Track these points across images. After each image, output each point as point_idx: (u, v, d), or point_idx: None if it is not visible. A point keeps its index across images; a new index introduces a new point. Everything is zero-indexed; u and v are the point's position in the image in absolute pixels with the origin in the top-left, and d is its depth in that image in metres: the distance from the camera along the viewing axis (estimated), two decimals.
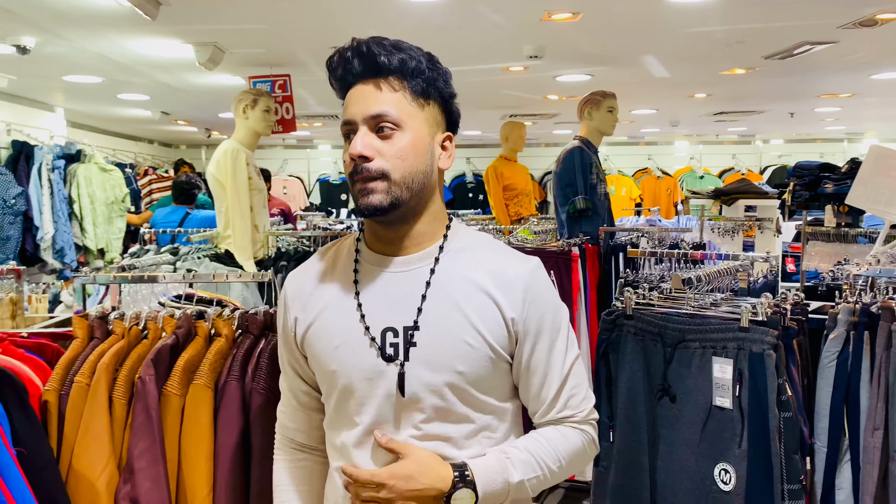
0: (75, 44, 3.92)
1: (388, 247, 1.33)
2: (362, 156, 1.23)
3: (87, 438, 1.70)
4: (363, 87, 1.26)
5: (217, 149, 3.99)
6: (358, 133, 1.24)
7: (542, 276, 1.32)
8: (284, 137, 9.92)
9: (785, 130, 9.79)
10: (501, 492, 1.24)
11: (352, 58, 1.25)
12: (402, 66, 1.26)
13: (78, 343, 1.85)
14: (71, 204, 5.68)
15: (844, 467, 1.89)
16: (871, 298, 1.93)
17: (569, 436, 1.32)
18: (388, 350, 1.27)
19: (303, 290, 1.38)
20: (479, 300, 1.27)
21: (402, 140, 1.25)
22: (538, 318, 1.28)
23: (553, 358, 1.30)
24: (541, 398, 1.32)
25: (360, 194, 1.25)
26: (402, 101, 1.26)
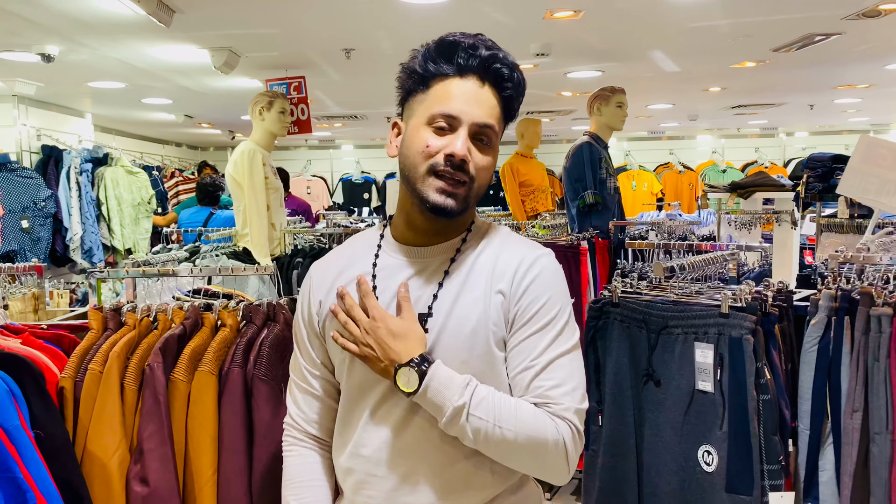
0: (97, 51, 4.07)
1: (417, 236, 1.35)
2: (466, 159, 1.24)
3: (101, 422, 1.81)
4: (474, 86, 1.27)
5: (234, 150, 4.12)
6: (461, 134, 1.24)
7: (547, 264, 1.31)
8: (307, 138, 10.10)
9: (808, 123, 9.70)
10: (441, 404, 1.21)
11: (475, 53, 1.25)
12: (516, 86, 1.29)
13: (93, 334, 1.96)
14: (99, 206, 5.87)
15: (827, 449, 1.94)
16: (850, 285, 1.97)
17: (540, 417, 1.23)
18: None
19: (327, 275, 1.40)
20: (487, 291, 1.28)
21: (491, 157, 1.29)
22: (530, 304, 1.27)
23: (536, 346, 1.26)
24: (516, 381, 1.28)
25: (439, 191, 1.25)
26: (500, 118, 1.29)
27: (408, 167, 1.29)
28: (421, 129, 1.27)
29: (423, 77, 1.29)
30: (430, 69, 1.28)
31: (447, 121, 1.25)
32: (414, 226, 1.34)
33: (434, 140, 1.25)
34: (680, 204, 8.52)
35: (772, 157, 10.64)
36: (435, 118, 1.25)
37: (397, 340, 1.25)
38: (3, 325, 1.99)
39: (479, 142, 1.26)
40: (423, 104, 1.28)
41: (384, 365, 1.25)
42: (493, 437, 1.21)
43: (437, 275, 1.31)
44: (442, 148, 1.24)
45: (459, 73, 1.26)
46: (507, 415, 1.22)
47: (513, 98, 1.29)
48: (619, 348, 2.01)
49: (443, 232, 1.34)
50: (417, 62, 1.29)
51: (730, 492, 1.83)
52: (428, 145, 1.25)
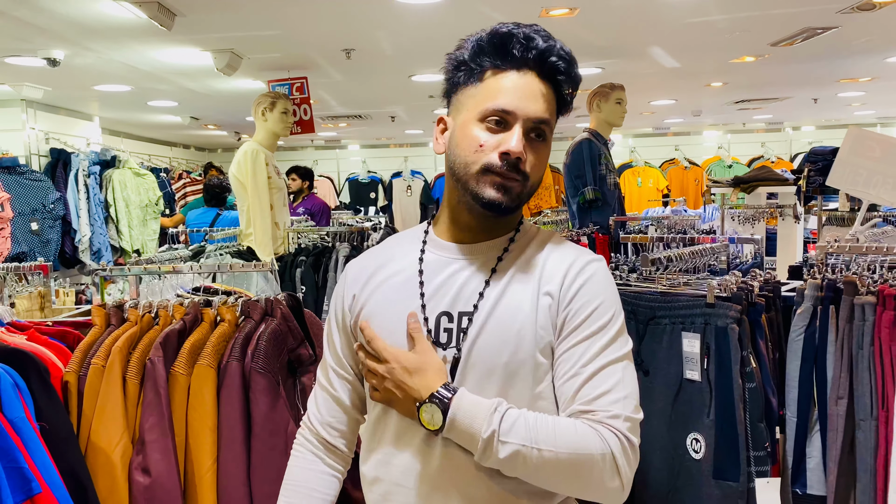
0: (102, 55, 4.14)
1: (464, 234, 1.29)
2: (522, 156, 1.18)
3: (104, 414, 1.87)
4: (531, 80, 1.20)
5: (238, 150, 4.18)
6: (516, 130, 1.18)
7: (599, 269, 1.25)
8: (313, 139, 10.17)
9: (813, 117, 9.68)
10: (470, 437, 1.12)
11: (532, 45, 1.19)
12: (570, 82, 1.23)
13: (96, 330, 2.02)
14: (107, 207, 5.95)
15: (815, 437, 1.98)
16: (836, 276, 2.00)
17: (581, 429, 1.12)
18: (442, 335, 1.23)
19: (365, 269, 1.34)
20: (535, 293, 1.22)
21: (546, 152, 1.24)
22: (580, 308, 1.20)
23: (586, 352, 1.17)
24: (563, 390, 1.18)
25: (493, 186, 1.19)
26: (554, 112, 1.24)
27: (458, 165, 1.23)
28: (473, 125, 1.21)
29: (473, 70, 1.23)
30: (482, 62, 1.22)
31: (502, 116, 1.19)
32: (460, 223, 1.29)
33: (488, 137, 1.19)
34: (686, 200, 8.53)
35: (778, 151, 10.63)
36: (488, 113, 1.19)
37: (414, 377, 1.18)
38: (10, 322, 2.05)
39: (534, 138, 1.20)
40: (475, 98, 1.22)
41: (408, 405, 1.19)
42: (531, 460, 1.10)
43: (483, 272, 1.25)
44: (497, 145, 1.18)
45: (515, 65, 1.20)
46: (544, 434, 1.11)
47: (568, 91, 1.24)
48: None
49: (490, 230, 1.28)
50: (467, 53, 1.23)
51: (717, 478, 1.87)
52: (482, 143, 1.19)
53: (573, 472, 1.11)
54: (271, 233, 4.21)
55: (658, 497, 1.97)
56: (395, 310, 1.26)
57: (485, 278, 1.24)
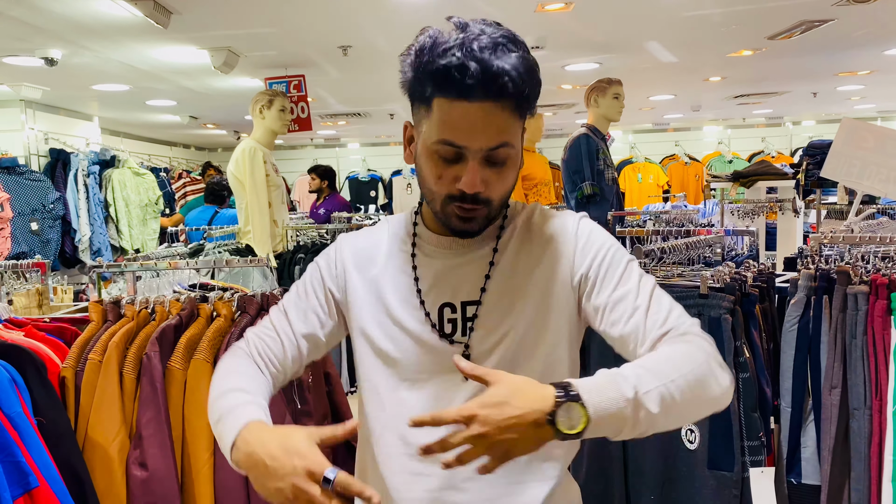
0: (99, 54, 4.15)
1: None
2: (478, 193, 1.14)
3: (101, 409, 1.88)
4: (479, 107, 1.10)
5: (236, 148, 4.19)
6: (471, 165, 1.12)
7: (588, 223, 1.26)
8: (312, 137, 10.17)
9: (813, 111, 9.66)
10: (618, 409, 0.99)
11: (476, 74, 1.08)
12: (524, 92, 1.12)
13: (93, 325, 2.03)
14: (107, 207, 5.96)
15: (809, 426, 1.98)
16: (829, 266, 2.01)
17: (680, 348, 1.09)
18: (447, 325, 1.22)
19: (359, 251, 1.32)
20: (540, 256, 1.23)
21: (510, 171, 1.17)
22: (597, 261, 1.20)
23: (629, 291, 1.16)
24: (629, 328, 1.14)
25: (458, 220, 1.18)
26: (516, 125, 1.15)
27: (424, 189, 1.21)
28: (429, 153, 1.16)
29: (420, 92, 1.15)
30: (427, 85, 1.13)
31: (454, 150, 1.13)
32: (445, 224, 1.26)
33: (444, 169, 1.15)
34: (686, 195, 8.52)
35: (779, 146, 10.61)
36: (440, 147, 1.14)
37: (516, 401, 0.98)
38: (7, 318, 2.06)
39: (492, 164, 1.14)
40: (427, 124, 1.15)
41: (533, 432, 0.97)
42: (676, 396, 1.02)
43: (482, 260, 1.24)
44: (454, 178, 1.14)
45: (460, 94, 1.10)
46: (663, 368, 1.05)
47: (526, 97, 1.14)
48: None
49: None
50: (412, 75, 1.15)
51: (712, 468, 1.88)
52: (440, 176, 1.16)
53: (704, 387, 1.07)
54: (270, 230, 4.22)
55: (653, 487, 1.98)
56: (389, 302, 1.24)
57: (485, 268, 1.22)
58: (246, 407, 1.13)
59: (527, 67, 1.12)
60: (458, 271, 1.24)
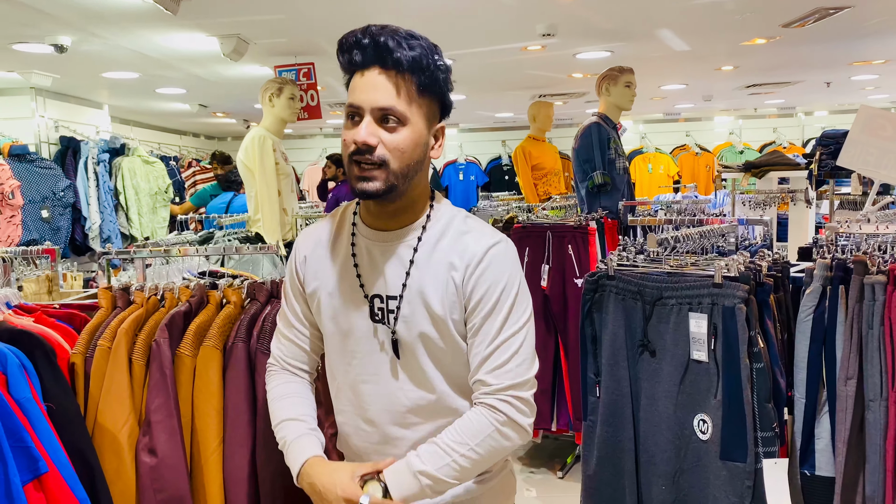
0: (108, 41, 4.14)
1: (376, 220, 1.47)
2: (367, 144, 1.33)
3: (110, 395, 1.87)
4: (373, 75, 1.34)
5: (245, 137, 4.18)
6: (364, 121, 1.34)
7: (499, 252, 1.42)
8: (321, 126, 10.15)
9: (826, 101, 9.57)
10: (414, 483, 1.37)
11: (367, 46, 1.33)
12: (413, 63, 1.33)
13: (102, 312, 2.02)
14: (117, 195, 5.97)
15: (823, 418, 1.96)
16: (846, 255, 1.98)
17: (473, 417, 1.40)
18: (377, 314, 1.45)
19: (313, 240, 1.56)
20: (445, 274, 1.41)
21: (404, 134, 1.35)
22: (483, 291, 1.39)
23: (487, 327, 1.40)
24: (469, 361, 1.43)
25: (358, 179, 1.35)
26: (408, 96, 1.35)
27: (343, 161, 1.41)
28: (345, 122, 1.38)
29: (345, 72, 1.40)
30: (343, 64, 1.38)
31: (354, 111, 1.35)
32: (371, 211, 1.46)
33: (348, 132, 1.36)
34: (697, 186, 8.47)
35: (790, 137, 10.53)
36: (347, 110, 1.36)
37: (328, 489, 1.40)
38: (17, 304, 2.06)
39: (385, 123, 1.34)
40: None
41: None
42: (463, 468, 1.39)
43: (402, 260, 1.43)
44: (353, 137, 1.34)
45: (362, 65, 1.35)
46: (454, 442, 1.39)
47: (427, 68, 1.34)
48: (614, 320, 2.04)
49: (396, 215, 1.45)
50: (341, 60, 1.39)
51: (724, 459, 1.86)
52: (345, 138, 1.36)
53: (492, 452, 1.40)
54: (279, 218, 4.21)
55: (664, 478, 1.96)
56: (340, 288, 1.49)
57: (405, 268, 1.42)
58: (304, 440, 1.49)
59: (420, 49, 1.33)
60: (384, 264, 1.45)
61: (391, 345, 1.45)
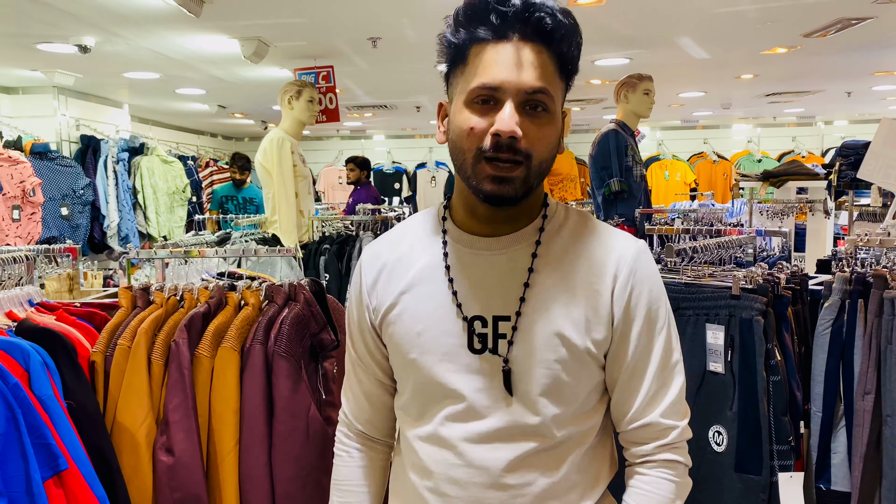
0: (131, 42, 4.19)
1: (483, 226, 1.16)
2: (515, 134, 1.04)
3: (129, 394, 1.89)
4: (518, 48, 1.05)
5: (264, 139, 4.21)
6: (507, 106, 1.04)
7: (648, 258, 1.16)
8: (338, 129, 10.20)
9: (846, 111, 9.50)
10: None
11: (511, 10, 1.04)
12: (566, 35, 1.07)
13: (122, 311, 2.04)
14: (135, 194, 6.03)
15: (840, 432, 1.95)
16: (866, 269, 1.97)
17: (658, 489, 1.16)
18: (476, 341, 1.13)
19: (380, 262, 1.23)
20: (581, 287, 1.12)
21: (552, 122, 1.08)
22: (638, 306, 1.12)
23: (655, 353, 1.14)
24: (626, 402, 1.15)
25: (491, 179, 1.06)
26: (555, 77, 1.08)
27: (455, 154, 1.11)
28: (463, 109, 1.07)
29: (458, 47, 1.09)
30: (463, 36, 1.08)
31: (489, 94, 1.05)
32: (476, 214, 1.16)
33: (478, 120, 1.06)
34: (714, 194, 8.42)
35: (809, 146, 10.45)
36: (474, 93, 1.06)
37: None
38: (39, 302, 2.08)
39: (531, 111, 1.06)
40: (463, 79, 1.09)
41: None
42: None
43: (518, 270, 1.13)
44: (488, 128, 1.05)
45: (496, 35, 1.05)
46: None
47: (567, 48, 1.08)
48: None
49: (512, 219, 1.16)
50: (449, 32, 1.11)
51: (739, 471, 1.85)
52: (472, 127, 1.06)
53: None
54: (296, 221, 4.23)
55: None
56: (426, 309, 1.16)
57: (523, 278, 1.12)
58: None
59: (570, 17, 1.08)
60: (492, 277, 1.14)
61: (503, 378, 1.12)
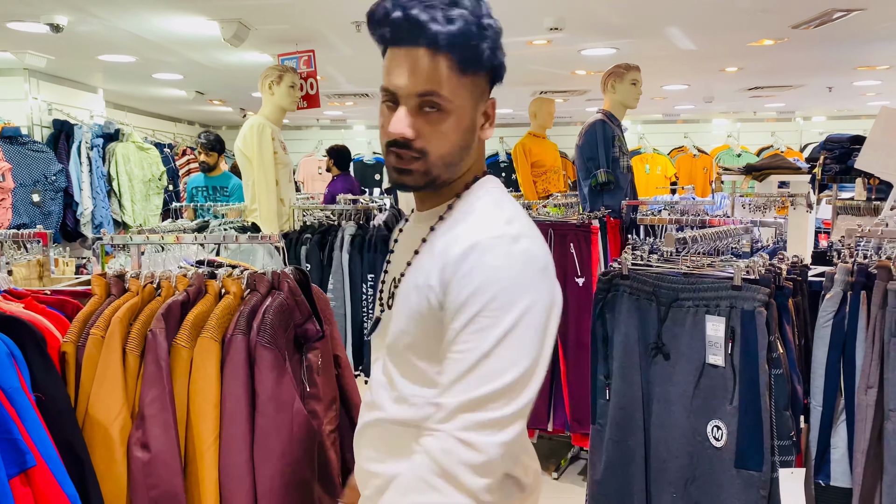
0: (107, 22, 4.04)
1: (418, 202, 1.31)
2: (403, 136, 1.14)
3: (102, 387, 1.79)
4: (408, 53, 1.12)
5: (244, 125, 4.10)
6: (400, 110, 1.15)
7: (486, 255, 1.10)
8: (318, 118, 10.06)
9: (825, 106, 9.55)
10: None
11: (398, 20, 1.11)
12: (453, 40, 1.10)
13: (96, 299, 1.94)
14: (110, 181, 5.88)
15: (840, 427, 1.90)
16: (868, 260, 1.92)
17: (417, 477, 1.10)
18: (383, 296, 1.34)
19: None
20: (434, 266, 1.16)
21: (448, 119, 1.15)
22: (461, 296, 1.10)
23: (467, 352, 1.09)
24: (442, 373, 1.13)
25: (396, 171, 1.19)
26: (450, 75, 1.13)
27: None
28: (381, 106, 1.21)
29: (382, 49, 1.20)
30: (377, 41, 1.19)
31: (390, 97, 1.17)
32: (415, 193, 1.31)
33: (385, 118, 1.19)
34: (694, 188, 8.43)
35: (788, 141, 10.51)
36: (382, 94, 1.19)
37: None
38: (6, 289, 1.97)
39: (427, 110, 1.14)
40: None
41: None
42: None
43: (416, 241, 1.27)
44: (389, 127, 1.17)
45: (392, 41, 1.15)
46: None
47: (472, 39, 1.11)
48: (627, 321, 1.97)
49: (431, 198, 1.27)
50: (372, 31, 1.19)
51: (739, 467, 1.80)
52: (382, 125, 1.20)
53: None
54: (276, 209, 4.13)
55: (675, 485, 1.90)
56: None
57: (414, 247, 1.26)
58: None
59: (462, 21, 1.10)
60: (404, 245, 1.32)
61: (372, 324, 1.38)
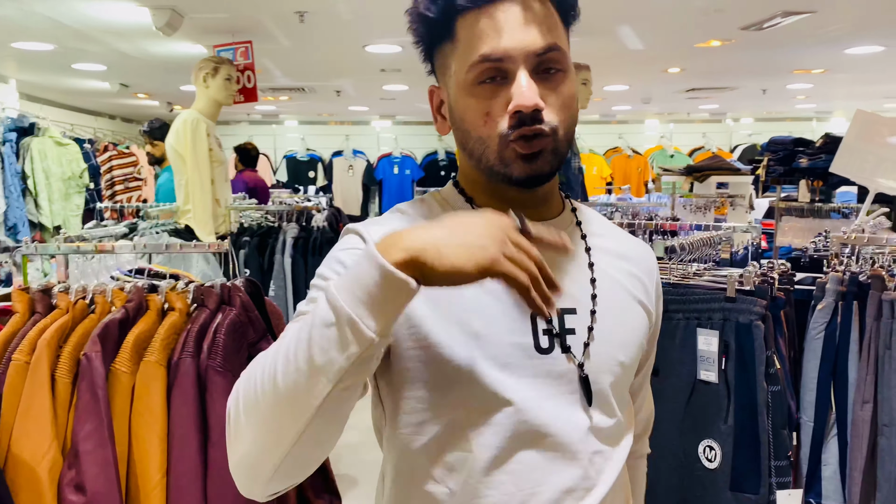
0: (22, 5, 3.69)
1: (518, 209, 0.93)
2: (538, 107, 0.88)
3: (27, 420, 1.57)
4: (510, 6, 0.89)
5: (176, 119, 3.82)
6: (521, 75, 0.88)
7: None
8: (249, 112, 9.69)
9: (755, 109, 9.80)
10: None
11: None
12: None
13: (18, 318, 1.71)
14: (24, 179, 5.46)
15: (831, 442, 1.83)
16: (858, 268, 1.85)
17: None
18: (542, 339, 0.93)
19: None
20: (632, 279, 1.03)
21: (568, 84, 0.92)
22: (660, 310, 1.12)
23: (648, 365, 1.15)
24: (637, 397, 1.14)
25: (522, 159, 0.90)
26: (561, 30, 0.93)
27: (470, 145, 0.94)
28: (467, 93, 0.92)
29: (439, 21, 0.93)
30: (444, 9, 0.92)
31: (496, 68, 0.89)
32: (506, 198, 0.97)
33: (490, 103, 0.90)
34: (630, 188, 8.50)
35: (718, 142, 10.75)
36: (477, 71, 0.90)
37: None
38: None
39: (545, 74, 0.90)
40: (456, 58, 0.93)
41: None
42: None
43: (577, 258, 1.00)
44: (505, 107, 0.89)
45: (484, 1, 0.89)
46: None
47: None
48: None
49: (546, 201, 1.01)
50: (423, 4, 0.93)
51: (735, 490, 1.70)
52: (488, 112, 0.90)
53: None
54: (212, 210, 3.87)
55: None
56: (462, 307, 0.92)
57: (586, 264, 1.00)
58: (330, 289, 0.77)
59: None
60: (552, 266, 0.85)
61: (580, 384, 0.94)
